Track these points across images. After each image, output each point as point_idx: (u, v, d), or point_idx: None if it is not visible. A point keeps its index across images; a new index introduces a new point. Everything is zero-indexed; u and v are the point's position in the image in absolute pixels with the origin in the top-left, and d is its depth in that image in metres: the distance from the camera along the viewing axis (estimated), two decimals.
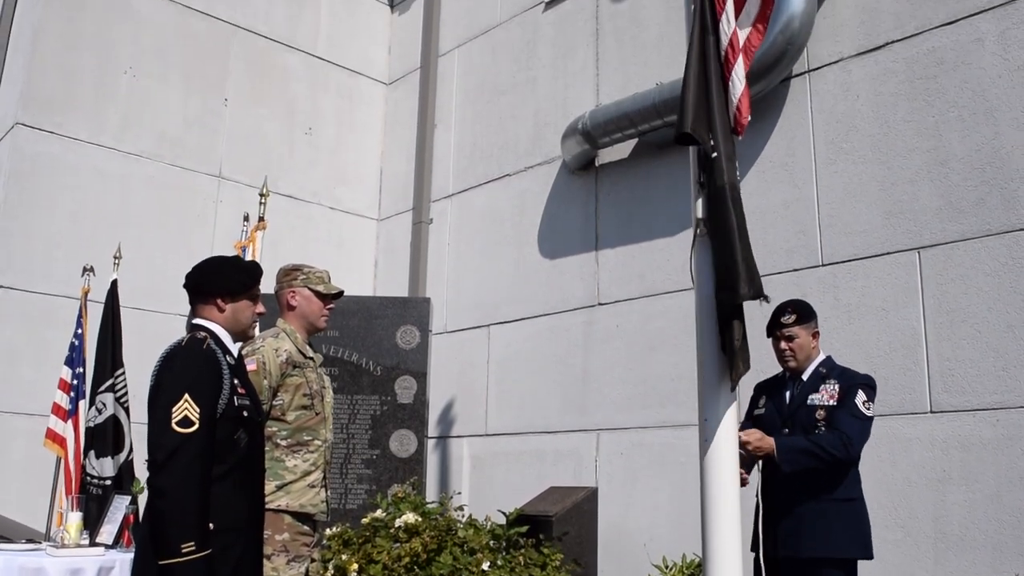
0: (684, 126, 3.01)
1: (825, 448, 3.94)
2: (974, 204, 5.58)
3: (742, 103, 3.09)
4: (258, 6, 9.69)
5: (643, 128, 7.45)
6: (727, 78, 3.11)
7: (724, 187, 3.00)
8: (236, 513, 3.13)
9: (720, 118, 3.06)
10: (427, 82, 10.09)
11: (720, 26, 3.14)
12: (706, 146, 3.03)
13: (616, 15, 8.28)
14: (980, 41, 5.73)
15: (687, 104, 3.04)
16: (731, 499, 2.98)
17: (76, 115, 8.16)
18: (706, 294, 3.11)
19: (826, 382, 4.15)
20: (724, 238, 2.98)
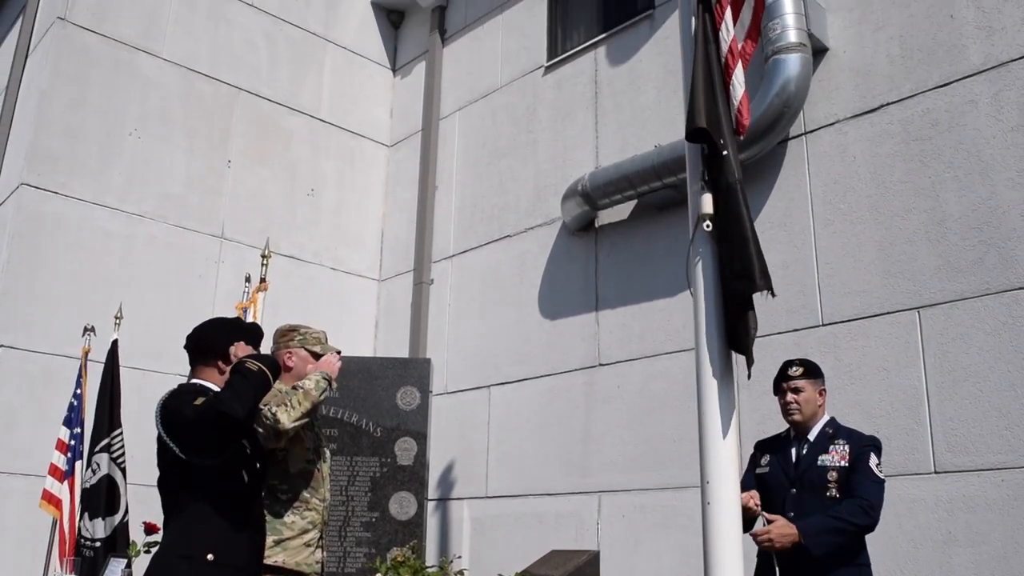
0: (698, 122, 3.12)
1: (850, 520, 3.84)
2: (972, 263, 5.60)
3: (743, 105, 3.26)
4: (262, 69, 9.84)
5: (642, 190, 7.51)
6: (728, 82, 3.27)
7: (735, 183, 3.13)
8: (236, 552, 3.19)
9: (725, 119, 3.20)
10: (428, 144, 10.21)
11: (720, 34, 3.31)
12: (719, 143, 3.14)
13: (614, 79, 8.41)
14: (974, 103, 5.82)
15: (697, 104, 3.16)
16: (735, 562, 2.94)
17: (81, 176, 8.24)
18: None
19: (835, 443, 4.10)
20: (739, 231, 3.07)
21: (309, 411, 3.87)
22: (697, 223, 3.22)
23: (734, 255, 3.09)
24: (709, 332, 3.17)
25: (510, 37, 9.73)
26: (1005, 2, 5.82)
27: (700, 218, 3.22)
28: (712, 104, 3.19)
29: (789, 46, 6.49)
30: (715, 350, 3.15)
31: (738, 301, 3.10)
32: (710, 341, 3.16)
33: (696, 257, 3.22)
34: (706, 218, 3.19)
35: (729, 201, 3.13)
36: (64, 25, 8.40)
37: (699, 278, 3.21)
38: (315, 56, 10.41)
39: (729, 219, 3.12)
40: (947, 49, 6.05)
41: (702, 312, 3.20)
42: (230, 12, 9.70)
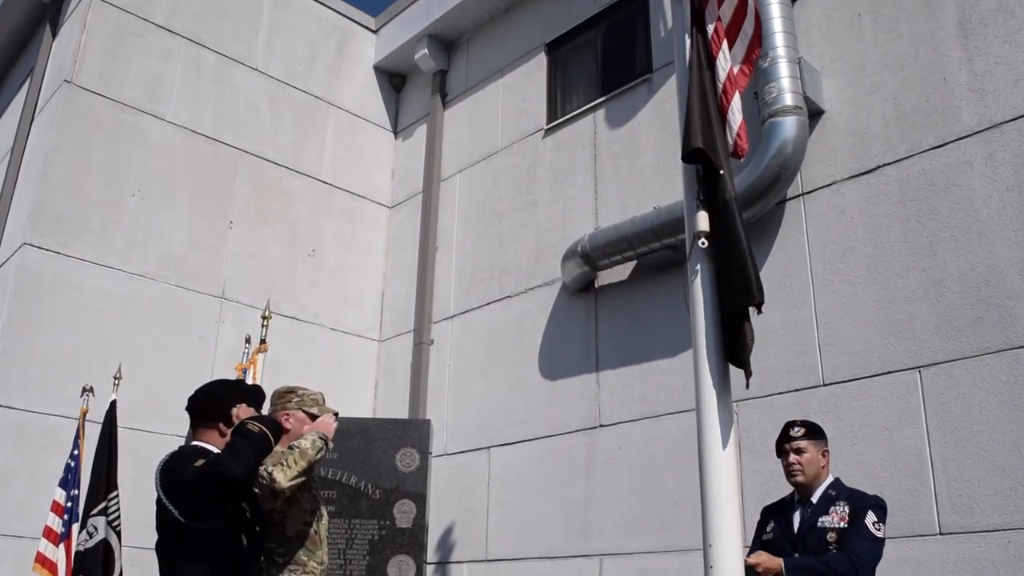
0: (694, 143, 3.25)
1: (833, 567, 3.83)
2: (972, 323, 5.61)
3: (742, 130, 3.40)
4: (265, 131, 9.97)
5: (642, 250, 7.54)
6: (725, 108, 3.41)
7: (731, 201, 3.23)
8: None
9: (721, 140, 3.32)
10: (429, 205, 10.28)
11: (717, 63, 3.46)
12: (716, 162, 3.25)
13: (613, 141, 8.50)
14: (969, 164, 5.88)
15: (693, 126, 3.29)
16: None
17: (83, 236, 8.29)
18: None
19: (836, 504, 4.06)
20: (736, 247, 3.17)
21: (305, 470, 3.83)
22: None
23: (732, 270, 3.17)
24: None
25: (510, 100, 9.87)
26: (997, 65, 5.92)
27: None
28: (707, 126, 3.30)
29: (785, 109, 6.58)
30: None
31: (737, 314, 3.18)
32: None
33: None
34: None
35: (726, 218, 3.22)
36: (71, 88, 8.54)
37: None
38: (317, 119, 10.55)
39: (727, 236, 3.21)
40: (941, 111, 6.13)
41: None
42: (235, 76, 9.86)
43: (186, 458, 3.20)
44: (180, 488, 3.13)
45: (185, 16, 9.61)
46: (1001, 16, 5.99)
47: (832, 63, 6.91)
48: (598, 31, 9.22)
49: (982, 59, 6.01)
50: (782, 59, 6.71)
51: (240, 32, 10.06)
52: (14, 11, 10.36)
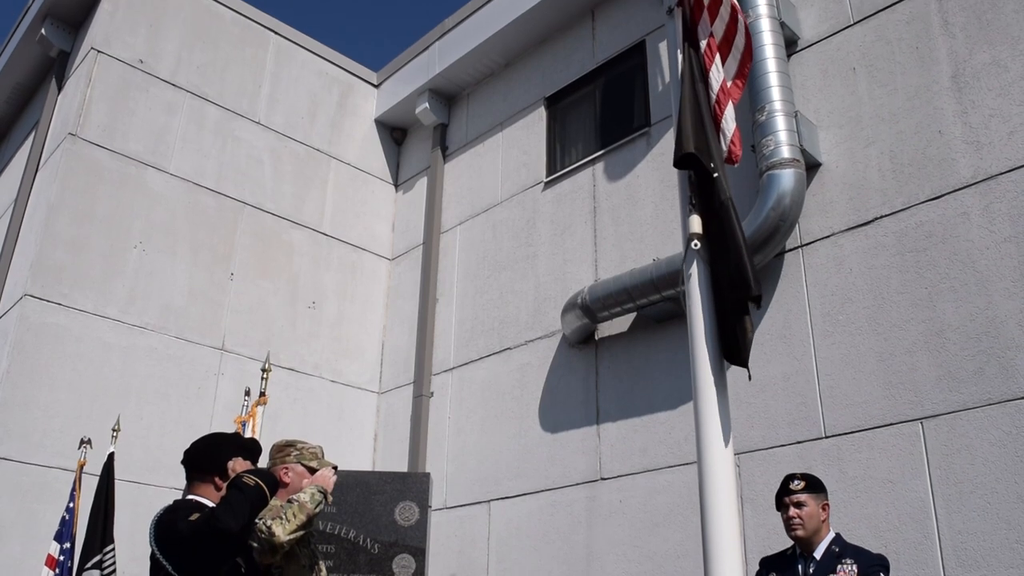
0: (687, 148, 3.40)
1: None
2: (973, 374, 5.59)
3: (735, 138, 3.60)
4: (266, 184, 10.04)
5: (642, 302, 7.55)
6: (719, 117, 3.60)
7: (727, 202, 3.35)
8: None
9: (715, 146, 3.48)
10: (429, 257, 10.32)
11: (710, 75, 3.66)
12: (708, 165, 3.39)
13: (612, 193, 8.57)
14: (966, 215, 5.92)
15: (686, 132, 3.45)
16: None
17: (84, 287, 8.31)
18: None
19: (842, 562, 4.01)
20: (734, 245, 3.30)
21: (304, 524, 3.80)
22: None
23: (730, 267, 3.29)
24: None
25: (510, 153, 9.96)
26: (991, 117, 5.98)
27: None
28: (700, 132, 3.46)
29: (783, 162, 6.63)
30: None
31: (737, 309, 3.30)
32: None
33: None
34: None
35: (723, 219, 3.35)
36: (75, 141, 8.62)
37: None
38: (319, 171, 10.64)
39: (724, 235, 3.33)
40: (937, 163, 6.19)
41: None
42: (237, 129, 9.96)
43: (180, 512, 3.17)
44: (174, 543, 3.10)
45: (189, 70, 9.74)
46: (994, 69, 6.07)
47: (828, 116, 6.99)
48: (597, 85, 9.34)
49: (976, 112, 6.08)
50: (779, 113, 6.78)
51: (243, 86, 10.19)
52: (21, 65, 10.51)
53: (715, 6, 3.73)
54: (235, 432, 5.52)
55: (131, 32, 9.40)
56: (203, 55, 9.94)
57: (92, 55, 9.03)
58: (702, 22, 3.72)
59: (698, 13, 3.76)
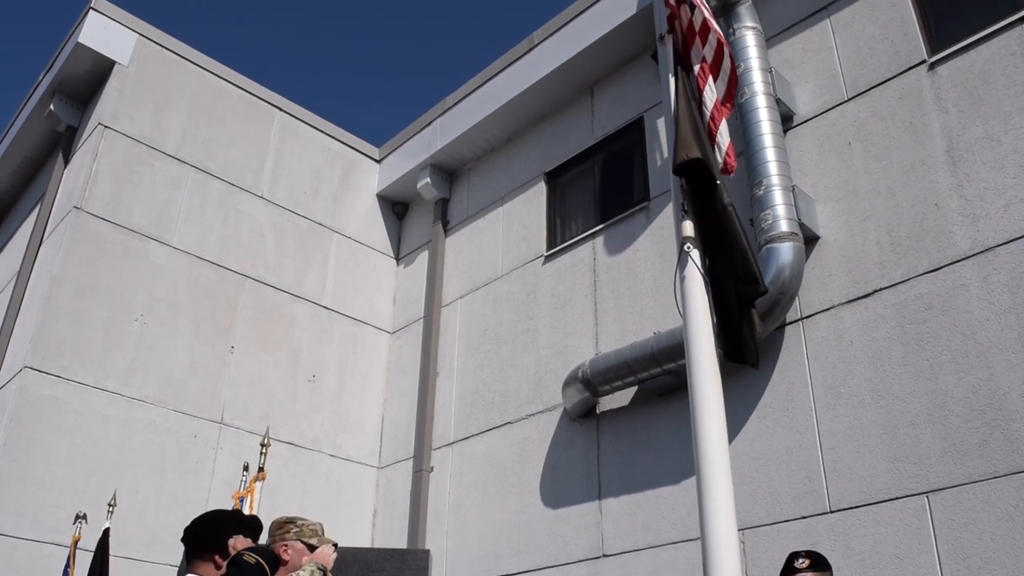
0: (692, 154, 3.68)
1: None
2: (978, 446, 5.55)
3: (730, 150, 3.95)
4: (268, 257, 10.10)
5: (643, 376, 7.52)
6: (714, 132, 3.95)
7: (730, 206, 3.62)
8: None
9: (712, 158, 3.78)
10: (430, 331, 10.32)
11: (704, 95, 4.01)
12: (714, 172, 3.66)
13: (612, 267, 8.61)
14: (965, 287, 5.94)
15: (688, 140, 3.74)
16: None
17: (84, 360, 8.30)
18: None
19: None
20: (738, 244, 3.55)
21: None
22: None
23: (736, 264, 3.53)
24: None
25: (511, 228, 10.04)
26: (986, 190, 6.05)
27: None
28: (700, 143, 3.74)
29: (781, 235, 6.68)
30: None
31: (744, 303, 3.53)
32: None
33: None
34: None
35: (726, 221, 3.60)
36: (79, 214, 8.70)
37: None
38: (321, 245, 10.71)
39: (728, 236, 3.57)
40: (934, 236, 6.23)
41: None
42: (240, 203, 10.07)
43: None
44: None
45: (194, 145, 9.89)
46: (987, 143, 6.16)
47: (825, 190, 7.07)
48: (596, 160, 9.46)
49: (972, 185, 6.15)
50: (776, 187, 6.86)
51: (247, 161, 10.33)
52: (29, 140, 10.68)
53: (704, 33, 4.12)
54: (235, 509, 5.46)
55: (138, 108, 9.57)
56: (208, 130, 10.10)
57: (99, 130, 9.17)
58: (694, 48, 4.13)
59: (690, 40, 4.16)
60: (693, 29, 4.14)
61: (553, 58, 9.69)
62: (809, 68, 7.60)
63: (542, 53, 9.85)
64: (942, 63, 6.67)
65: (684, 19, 4.22)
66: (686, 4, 4.19)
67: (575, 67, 9.61)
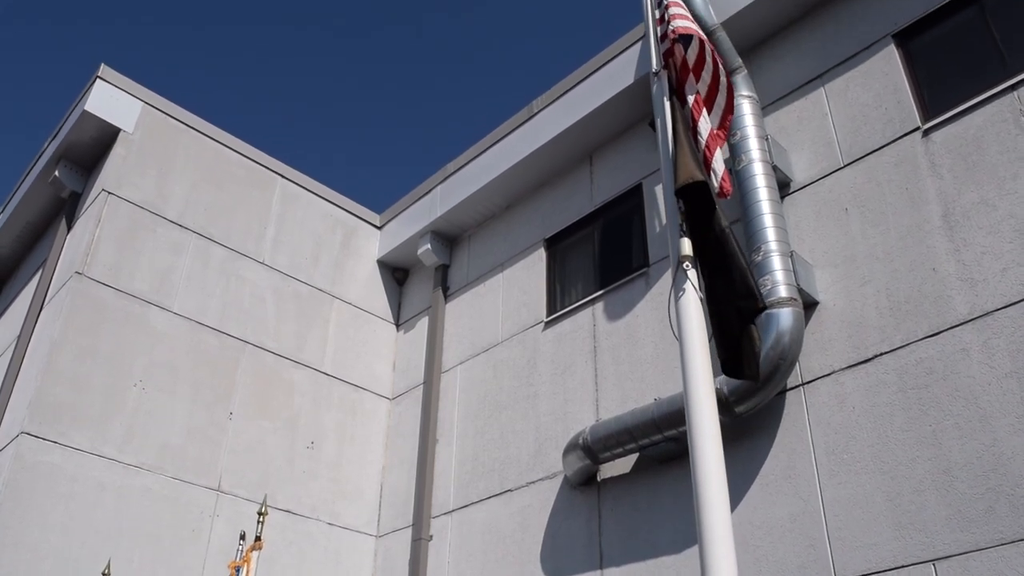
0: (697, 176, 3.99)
1: None
2: (983, 513, 5.48)
3: (725, 176, 4.45)
4: (269, 323, 10.11)
5: (644, 443, 7.46)
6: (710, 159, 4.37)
7: (728, 228, 3.96)
8: None
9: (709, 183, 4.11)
10: (430, 397, 10.28)
11: (699, 125, 4.39)
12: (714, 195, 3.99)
13: (612, 333, 8.61)
14: (965, 351, 5.93)
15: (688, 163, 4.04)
16: None
17: (81, 425, 8.25)
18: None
19: None
20: (736, 263, 3.89)
21: None
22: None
23: (735, 282, 3.82)
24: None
25: (511, 293, 10.07)
26: (983, 255, 6.08)
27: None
28: (698, 168, 4.05)
29: (781, 300, 6.70)
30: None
31: (744, 317, 3.79)
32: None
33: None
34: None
35: (725, 242, 3.95)
36: (81, 279, 8.73)
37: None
38: (321, 311, 10.73)
39: (727, 256, 3.90)
40: (933, 300, 6.25)
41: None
42: (241, 269, 10.11)
43: None
44: None
45: (196, 211, 9.97)
46: (983, 208, 6.22)
47: (823, 256, 7.11)
48: (595, 227, 9.53)
49: (968, 250, 6.19)
50: (774, 253, 6.90)
51: (249, 227, 10.40)
52: (33, 205, 10.77)
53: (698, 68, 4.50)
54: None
55: (141, 174, 9.67)
56: (211, 197, 10.19)
57: (103, 196, 9.25)
58: (688, 82, 4.50)
59: (684, 75, 4.55)
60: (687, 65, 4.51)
61: (552, 126, 9.83)
62: (805, 135, 7.70)
63: (541, 121, 10.00)
64: (936, 130, 6.77)
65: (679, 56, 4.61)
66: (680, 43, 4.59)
67: (574, 135, 9.74)
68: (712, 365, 3.92)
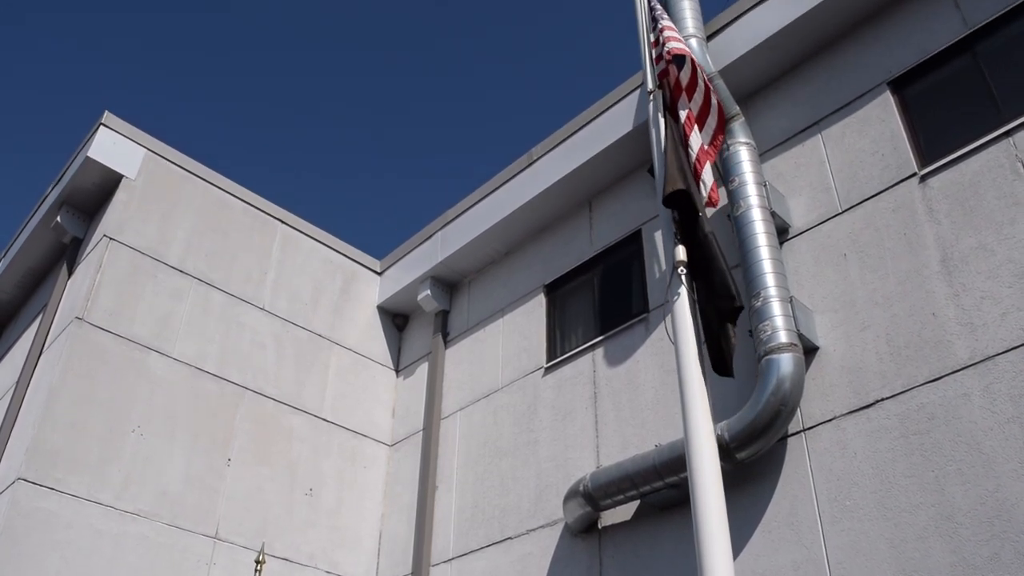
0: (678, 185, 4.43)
1: None
2: (988, 560, 5.42)
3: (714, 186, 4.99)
4: (268, 369, 10.09)
5: (645, 489, 7.41)
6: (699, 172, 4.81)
7: (710, 234, 4.42)
8: None
9: (696, 193, 4.55)
10: (429, 443, 10.22)
11: (690, 140, 4.85)
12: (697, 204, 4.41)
13: (613, 379, 8.58)
14: (967, 396, 5.91)
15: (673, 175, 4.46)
16: None
17: (79, 472, 8.19)
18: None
19: None
20: (716, 266, 4.29)
21: None
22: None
23: (715, 283, 4.25)
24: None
25: (511, 339, 10.06)
26: (983, 299, 6.09)
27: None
28: (684, 177, 4.45)
29: (781, 346, 6.69)
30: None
31: (723, 315, 4.21)
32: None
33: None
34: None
35: (706, 247, 4.43)
36: (81, 325, 8.73)
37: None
38: (320, 357, 10.71)
39: (708, 259, 4.37)
40: (933, 345, 6.24)
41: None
42: (241, 314, 10.11)
43: None
44: None
45: (197, 257, 10.00)
46: (981, 253, 6.24)
47: (823, 301, 7.12)
48: (595, 272, 9.55)
49: (968, 294, 6.19)
50: (774, 298, 6.91)
51: (249, 272, 10.43)
52: (34, 251, 10.80)
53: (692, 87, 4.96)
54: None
55: (143, 220, 9.72)
56: (212, 243, 10.23)
57: (104, 242, 9.29)
58: (681, 100, 4.93)
59: (677, 93, 4.99)
60: (680, 85, 4.95)
61: (552, 173, 9.90)
62: (803, 181, 7.76)
63: (541, 168, 10.07)
64: (932, 175, 6.82)
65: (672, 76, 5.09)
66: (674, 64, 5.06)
67: (574, 181, 9.81)
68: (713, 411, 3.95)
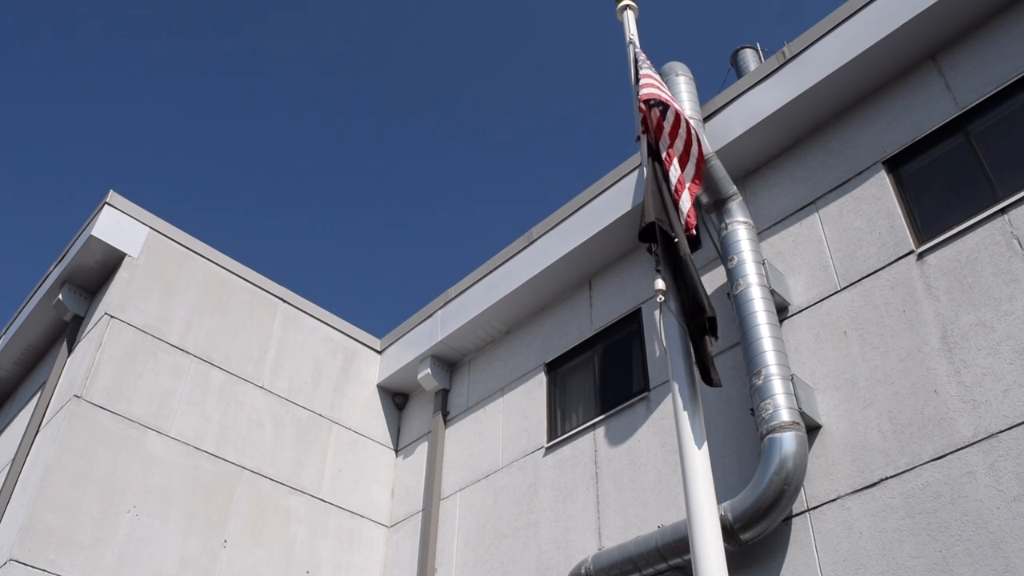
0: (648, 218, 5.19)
1: None
2: None
3: (691, 212, 5.62)
4: (266, 449, 9.99)
5: (648, 572, 7.27)
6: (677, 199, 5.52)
7: (686, 257, 5.15)
8: None
9: (675, 219, 5.31)
10: (428, 524, 10.07)
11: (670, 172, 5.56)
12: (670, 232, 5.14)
13: (614, 458, 8.50)
14: (972, 474, 5.84)
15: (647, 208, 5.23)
16: None
17: (72, 553, 8.04)
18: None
19: None
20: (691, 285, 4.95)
21: None
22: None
23: (689, 299, 4.99)
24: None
25: (511, 418, 9.99)
26: (984, 376, 6.07)
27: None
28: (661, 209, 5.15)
29: (783, 425, 6.64)
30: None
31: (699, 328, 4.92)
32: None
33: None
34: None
35: (682, 269, 5.12)
36: (79, 402, 8.68)
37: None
38: (319, 436, 10.62)
39: (684, 279, 5.08)
40: (936, 423, 6.20)
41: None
42: (240, 393, 10.06)
43: None
44: None
45: (198, 335, 10.00)
46: (981, 330, 6.24)
47: (824, 379, 7.09)
48: (595, 351, 9.53)
49: (969, 371, 6.17)
50: (775, 376, 6.88)
51: (249, 351, 10.41)
52: (35, 328, 10.80)
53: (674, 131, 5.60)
54: None
55: (145, 298, 9.75)
56: (212, 321, 10.24)
57: (105, 320, 9.30)
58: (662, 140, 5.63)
59: (658, 134, 5.71)
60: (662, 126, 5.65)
61: (551, 252, 9.97)
62: (801, 259, 7.80)
63: (541, 247, 10.14)
64: (930, 253, 6.87)
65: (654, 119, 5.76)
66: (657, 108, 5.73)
67: (573, 261, 9.87)
68: (716, 492, 3.89)
